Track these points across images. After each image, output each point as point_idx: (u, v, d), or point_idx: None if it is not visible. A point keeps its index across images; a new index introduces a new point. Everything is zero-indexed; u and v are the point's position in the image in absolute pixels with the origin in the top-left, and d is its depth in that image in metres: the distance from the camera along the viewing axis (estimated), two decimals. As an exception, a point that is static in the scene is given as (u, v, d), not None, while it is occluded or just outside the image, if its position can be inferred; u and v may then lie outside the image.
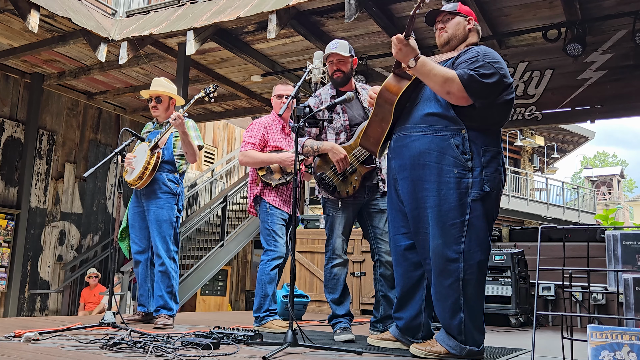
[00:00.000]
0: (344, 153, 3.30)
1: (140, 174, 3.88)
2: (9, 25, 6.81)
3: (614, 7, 5.71)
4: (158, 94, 4.09)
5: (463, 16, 2.79)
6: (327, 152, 3.36)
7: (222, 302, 12.30)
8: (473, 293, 2.52)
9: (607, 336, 2.02)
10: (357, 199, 3.43)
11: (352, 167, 3.36)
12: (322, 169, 3.41)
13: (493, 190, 2.56)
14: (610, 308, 5.35)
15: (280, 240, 3.86)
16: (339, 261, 3.43)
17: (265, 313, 3.80)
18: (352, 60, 3.54)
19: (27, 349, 2.49)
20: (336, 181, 3.37)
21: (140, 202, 4.05)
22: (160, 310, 3.84)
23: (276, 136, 3.98)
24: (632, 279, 2.16)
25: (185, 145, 3.91)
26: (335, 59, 3.49)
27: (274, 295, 3.86)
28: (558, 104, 6.38)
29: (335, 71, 3.49)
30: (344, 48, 3.49)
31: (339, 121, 3.45)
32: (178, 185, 4.04)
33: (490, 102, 2.54)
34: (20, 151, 8.44)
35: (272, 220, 3.86)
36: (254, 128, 3.97)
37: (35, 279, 8.63)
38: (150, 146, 3.91)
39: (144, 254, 4.05)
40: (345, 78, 3.51)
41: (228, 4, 6.42)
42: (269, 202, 3.86)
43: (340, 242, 3.44)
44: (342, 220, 3.43)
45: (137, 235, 4.06)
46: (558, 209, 21.33)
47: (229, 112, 9.89)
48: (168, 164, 4.00)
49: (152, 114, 4.14)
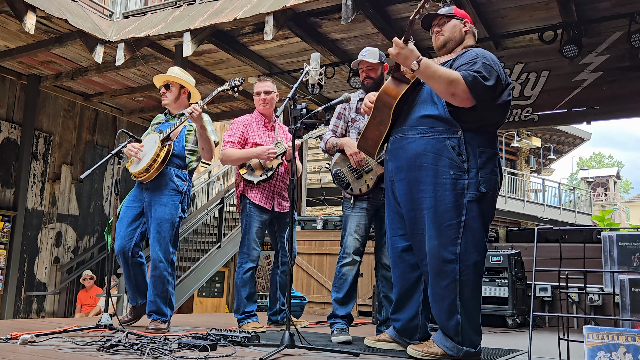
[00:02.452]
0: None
1: (147, 165, 3.62)
2: (6, 27, 6.79)
3: (610, 8, 5.73)
4: (167, 81, 3.89)
5: (459, 19, 2.80)
6: (344, 147, 3.48)
7: (219, 303, 12.28)
8: (469, 294, 2.52)
9: (603, 337, 2.03)
10: (372, 200, 3.47)
11: (369, 166, 3.42)
12: (339, 166, 3.51)
13: (489, 192, 2.57)
14: (606, 309, 5.36)
15: (254, 244, 3.87)
16: (348, 260, 3.43)
17: (242, 316, 3.88)
18: (382, 67, 3.64)
19: (23, 351, 2.48)
20: (350, 178, 3.45)
21: (142, 196, 3.79)
22: (153, 315, 3.66)
23: (256, 132, 4.00)
24: (628, 279, 2.17)
25: (203, 140, 3.64)
26: (364, 67, 3.60)
27: (250, 296, 3.89)
28: (554, 106, 6.39)
29: (365, 78, 3.60)
30: (373, 55, 3.59)
31: (362, 122, 3.52)
32: (186, 182, 3.79)
33: (490, 104, 2.56)
34: (17, 153, 8.42)
35: (249, 222, 3.88)
36: (233, 127, 4.02)
37: (31, 281, 8.60)
38: (161, 137, 3.65)
39: (123, 250, 3.75)
40: (374, 84, 3.57)
41: (225, 5, 6.42)
42: (250, 200, 3.87)
43: (352, 241, 3.44)
44: (354, 219, 3.45)
45: (121, 231, 3.75)
46: (554, 210, 21.38)
47: (226, 113, 9.88)
48: (178, 158, 3.75)
49: (162, 102, 3.93)
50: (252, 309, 3.91)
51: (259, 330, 3.68)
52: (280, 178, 4.00)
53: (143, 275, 3.88)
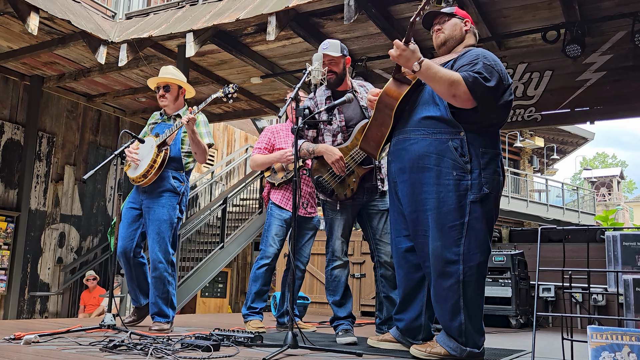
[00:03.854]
0: (339, 154, 3.26)
1: (145, 171, 3.67)
2: (9, 28, 6.81)
3: (613, 8, 5.71)
4: (167, 82, 3.86)
5: (459, 18, 2.80)
6: (322, 154, 3.31)
7: (222, 304, 12.30)
8: (472, 295, 2.52)
9: (607, 337, 2.02)
10: (356, 201, 3.41)
11: (350, 169, 3.32)
12: (319, 172, 3.37)
13: (492, 192, 2.56)
14: (610, 309, 5.35)
15: (271, 241, 3.97)
16: (339, 263, 3.42)
17: (247, 311, 3.94)
18: (344, 60, 3.47)
19: (27, 352, 2.48)
20: (333, 184, 3.33)
21: (139, 200, 3.84)
22: (155, 317, 3.68)
23: (283, 139, 4.12)
24: (632, 279, 2.16)
25: (195, 145, 3.69)
26: (326, 60, 3.39)
27: (260, 293, 3.95)
28: (557, 105, 6.38)
29: (328, 72, 3.41)
30: (334, 48, 3.41)
31: (335, 122, 3.39)
32: (183, 183, 3.84)
33: (492, 105, 2.55)
34: (20, 153, 8.44)
35: (270, 221, 4.03)
36: (262, 134, 4.19)
37: (35, 282, 8.62)
38: (157, 142, 3.69)
39: (125, 251, 3.79)
40: (337, 79, 3.45)
41: (227, 6, 6.43)
42: (273, 202, 4.04)
43: (340, 244, 3.42)
44: (341, 222, 3.41)
45: (121, 233, 3.80)
46: (558, 210, 21.35)
47: (228, 114, 9.89)
48: (174, 161, 3.79)
49: (159, 104, 3.91)
50: (258, 306, 3.92)
51: (260, 329, 3.68)
52: (302, 181, 4.07)
53: (145, 275, 3.90)
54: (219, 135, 12.95)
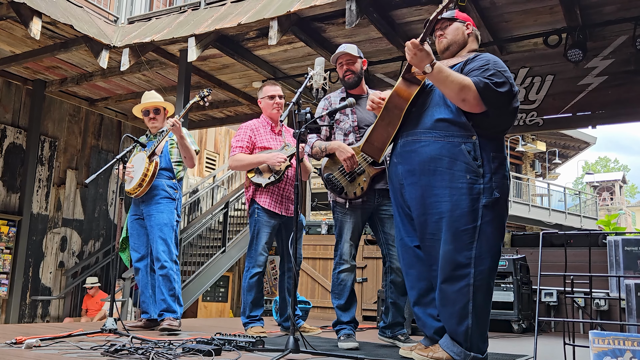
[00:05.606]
0: (351, 152, 3.25)
1: (140, 181, 3.92)
2: (11, 32, 6.84)
3: (615, 12, 5.72)
4: (156, 106, 4.23)
5: (461, 22, 2.80)
6: (334, 151, 3.32)
7: (223, 308, 12.28)
8: (482, 299, 2.50)
9: (609, 342, 2.02)
10: (366, 203, 3.39)
11: (361, 168, 3.31)
12: (330, 170, 3.36)
13: (502, 196, 2.56)
14: (612, 314, 5.33)
15: (262, 249, 3.83)
16: (346, 267, 3.40)
17: (246, 320, 3.89)
18: (361, 61, 3.53)
19: (28, 356, 2.48)
20: (343, 182, 3.31)
21: (140, 210, 4.08)
22: (164, 314, 3.86)
23: (264, 137, 3.96)
24: (634, 284, 2.15)
25: (183, 150, 3.97)
26: (344, 60, 3.46)
27: (256, 301, 3.87)
28: (559, 110, 6.38)
29: (346, 72, 3.47)
30: (352, 49, 3.49)
31: (348, 122, 3.41)
32: (177, 191, 4.11)
33: (503, 110, 2.55)
34: (22, 157, 8.46)
35: (259, 228, 3.84)
36: (241, 132, 3.97)
37: (36, 286, 8.62)
38: (147, 154, 3.96)
39: (143, 260, 4.08)
40: (356, 78, 3.48)
41: (229, 10, 6.44)
42: (259, 204, 3.83)
43: (348, 248, 3.40)
44: (350, 224, 3.39)
45: (135, 243, 4.11)
46: (560, 214, 21.30)
47: (230, 118, 9.90)
48: (166, 170, 4.07)
49: (149, 125, 4.23)
50: (257, 314, 3.90)
51: (261, 335, 3.67)
52: (289, 182, 3.91)
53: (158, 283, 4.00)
54: (221, 139, 12.96)
